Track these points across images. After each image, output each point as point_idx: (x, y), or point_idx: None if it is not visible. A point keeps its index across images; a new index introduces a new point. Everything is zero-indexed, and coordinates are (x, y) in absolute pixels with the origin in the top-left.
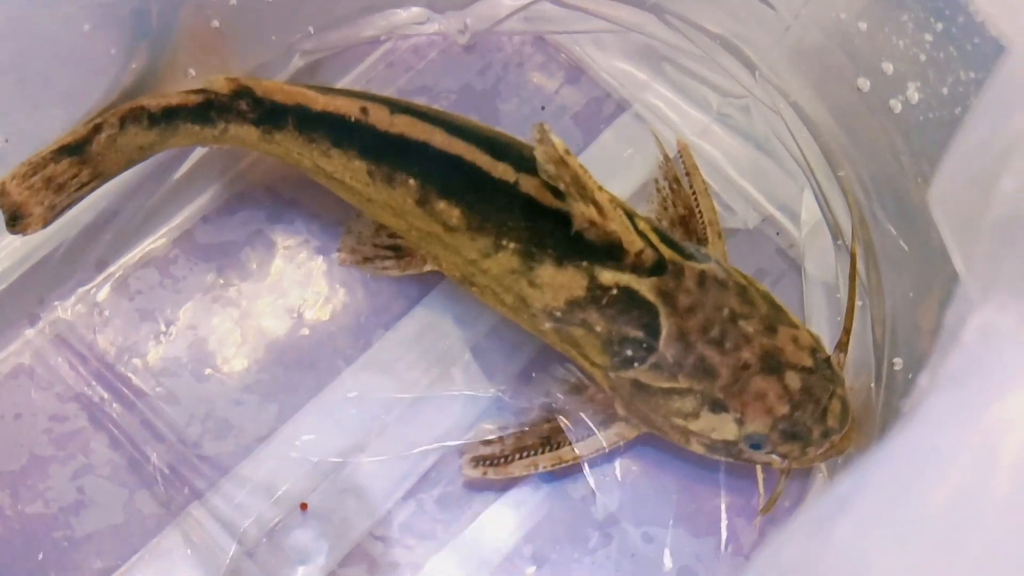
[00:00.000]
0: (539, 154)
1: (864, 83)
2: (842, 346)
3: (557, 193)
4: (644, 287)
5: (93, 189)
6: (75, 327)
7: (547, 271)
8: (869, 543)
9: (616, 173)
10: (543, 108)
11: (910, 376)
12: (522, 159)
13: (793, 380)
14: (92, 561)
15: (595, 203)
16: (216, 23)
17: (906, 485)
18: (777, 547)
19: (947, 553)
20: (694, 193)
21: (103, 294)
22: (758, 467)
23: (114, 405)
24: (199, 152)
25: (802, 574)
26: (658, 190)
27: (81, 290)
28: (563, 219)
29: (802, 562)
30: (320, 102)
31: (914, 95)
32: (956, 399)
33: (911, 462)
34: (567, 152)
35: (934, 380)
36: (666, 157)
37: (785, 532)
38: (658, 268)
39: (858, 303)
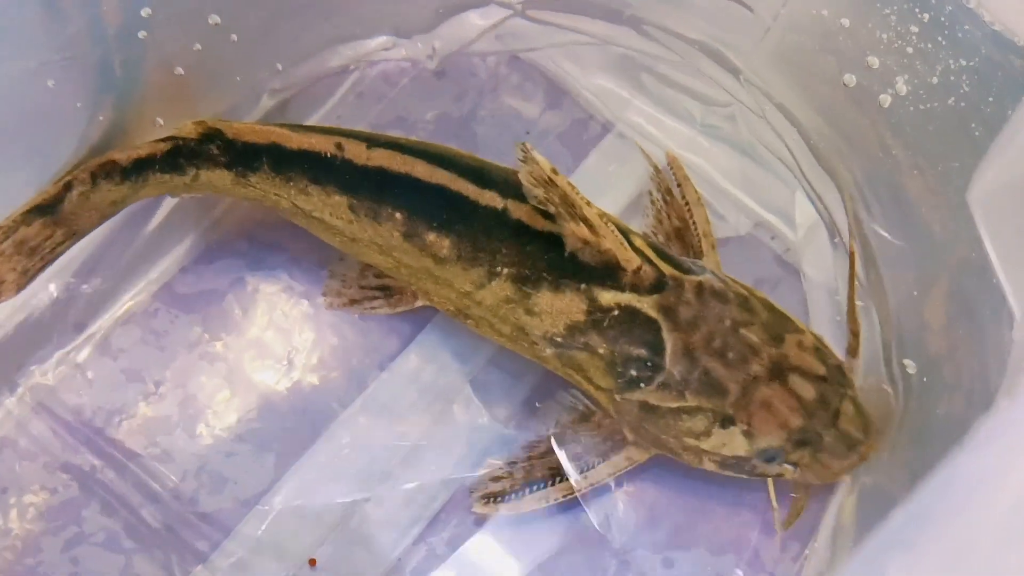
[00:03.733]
0: (523, 176)
1: (850, 79)
2: (852, 350)
3: (548, 216)
4: (645, 305)
5: (67, 248)
6: (57, 392)
7: (544, 297)
8: None
9: (605, 191)
10: (528, 133)
11: (924, 379)
12: (508, 185)
13: (805, 389)
14: None
15: (586, 221)
16: (180, 70)
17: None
18: None
19: None
20: (687, 204)
21: (84, 356)
22: (769, 481)
23: (105, 470)
24: (171, 202)
25: None
26: (652, 203)
27: (60, 353)
28: (556, 242)
29: None
30: (294, 140)
31: (903, 88)
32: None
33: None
34: (554, 171)
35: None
36: (656, 169)
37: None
38: (658, 285)
39: (859, 303)
